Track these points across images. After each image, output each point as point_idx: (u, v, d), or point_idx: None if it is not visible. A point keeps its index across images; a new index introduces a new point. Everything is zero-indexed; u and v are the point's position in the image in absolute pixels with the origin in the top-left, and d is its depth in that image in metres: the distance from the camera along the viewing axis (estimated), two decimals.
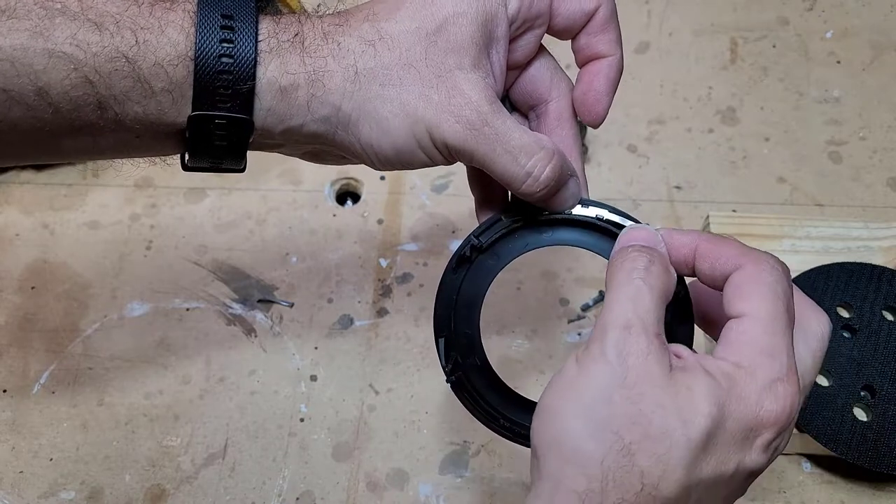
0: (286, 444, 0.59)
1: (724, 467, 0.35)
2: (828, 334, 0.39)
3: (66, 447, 0.59)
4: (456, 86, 0.41)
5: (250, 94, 0.40)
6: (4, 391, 0.61)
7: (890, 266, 0.61)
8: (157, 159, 0.45)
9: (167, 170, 0.71)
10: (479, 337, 0.45)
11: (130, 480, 0.58)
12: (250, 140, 0.41)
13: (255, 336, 0.64)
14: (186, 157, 0.42)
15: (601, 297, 0.65)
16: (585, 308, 0.65)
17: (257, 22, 0.40)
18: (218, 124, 0.40)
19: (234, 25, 0.39)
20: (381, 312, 0.65)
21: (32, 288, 0.66)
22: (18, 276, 0.66)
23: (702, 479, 0.34)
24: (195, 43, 0.39)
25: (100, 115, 0.38)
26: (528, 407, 0.44)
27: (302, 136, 0.42)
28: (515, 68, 0.46)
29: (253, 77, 0.39)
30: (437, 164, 0.43)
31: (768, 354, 0.35)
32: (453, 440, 0.60)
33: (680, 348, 0.37)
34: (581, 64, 0.46)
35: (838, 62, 0.79)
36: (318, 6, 0.46)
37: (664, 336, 0.36)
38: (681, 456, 0.33)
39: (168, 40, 0.38)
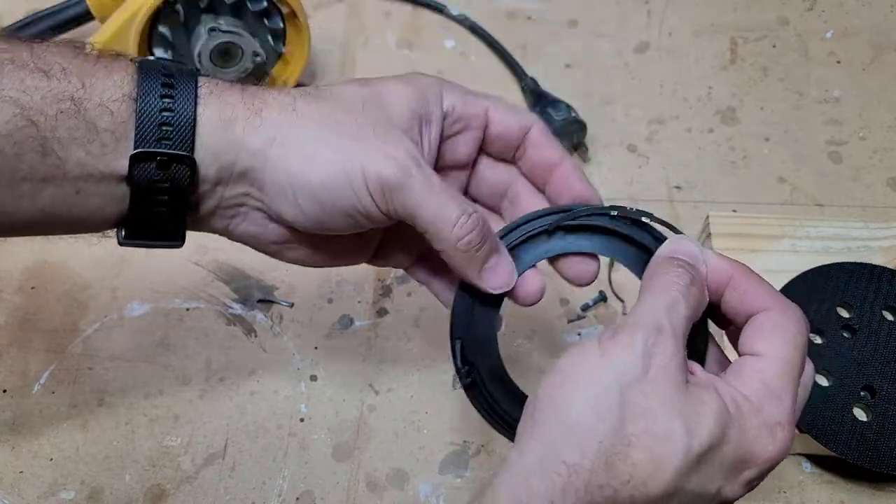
0: (286, 444, 0.59)
1: (708, 487, 0.35)
2: (811, 382, 0.41)
3: (66, 447, 0.59)
4: (390, 135, 0.42)
5: (191, 130, 0.40)
6: (4, 391, 0.61)
7: (890, 266, 0.61)
8: (97, 238, 0.44)
9: None
10: (496, 340, 0.45)
11: (130, 480, 0.58)
12: (190, 194, 0.41)
13: (255, 336, 0.64)
14: (123, 230, 0.42)
15: (601, 297, 0.65)
16: (585, 308, 0.65)
17: (195, 76, 0.42)
18: (160, 162, 0.40)
19: (173, 75, 0.41)
20: (381, 312, 0.65)
21: (32, 288, 0.66)
22: (18, 276, 0.66)
23: (686, 491, 0.35)
24: (137, 88, 0.40)
25: (42, 160, 0.38)
26: None
27: (233, 177, 0.42)
28: (459, 167, 0.48)
29: (193, 114, 0.40)
30: (357, 218, 0.42)
31: (776, 397, 0.37)
32: (453, 440, 0.60)
33: (694, 366, 0.38)
34: (543, 179, 0.47)
35: (838, 62, 0.79)
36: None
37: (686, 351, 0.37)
38: (676, 461, 0.34)
39: (113, 83, 0.40)
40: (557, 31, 0.81)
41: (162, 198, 0.41)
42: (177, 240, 0.43)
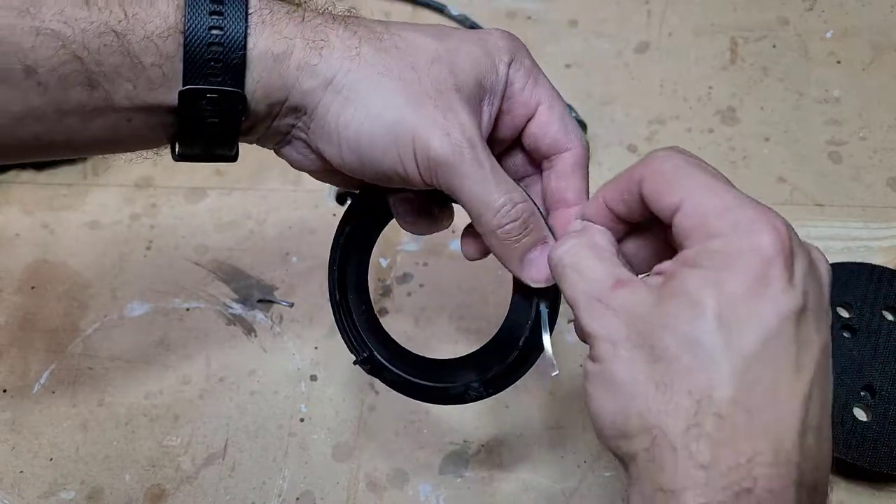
0: (286, 444, 0.59)
1: (755, 325, 0.32)
2: None
3: (66, 447, 0.59)
4: (451, 105, 0.40)
5: (241, 66, 0.39)
6: (4, 391, 0.61)
7: (890, 266, 0.61)
8: (150, 154, 0.44)
9: (167, 170, 0.71)
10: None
11: (130, 480, 0.58)
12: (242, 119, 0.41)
13: (255, 336, 0.64)
14: (177, 146, 0.42)
15: None
16: None
17: (246, 2, 0.40)
18: (210, 99, 0.39)
19: (222, 1, 0.39)
20: (381, 312, 0.65)
21: (32, 288, 0.66)
22: (18, 276, 0.66)
23: (745, 356, 0.32)
24: (185, 15, 0.38)
25: (89, 94, 0.38)
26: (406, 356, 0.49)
27: (283, 111, 0.41)
28: (501, 142, 0.46)
29: (244, 48, 0.39)
30: (394, 179, 0.41)
31: (726, 209, 0.34)
32: (453, 440, 0.60)
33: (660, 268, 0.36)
34: (550, 208, 0.45)
35: (838, 62, 0.79)
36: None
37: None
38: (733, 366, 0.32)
39: (157, 13, 0.38)
40: (557, 31, 0.81)
41: (212, 121, 0.40)
42: (230, 152, 0.43)
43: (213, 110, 0.40)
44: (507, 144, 0.46)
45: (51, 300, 0.66)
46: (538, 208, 0.43)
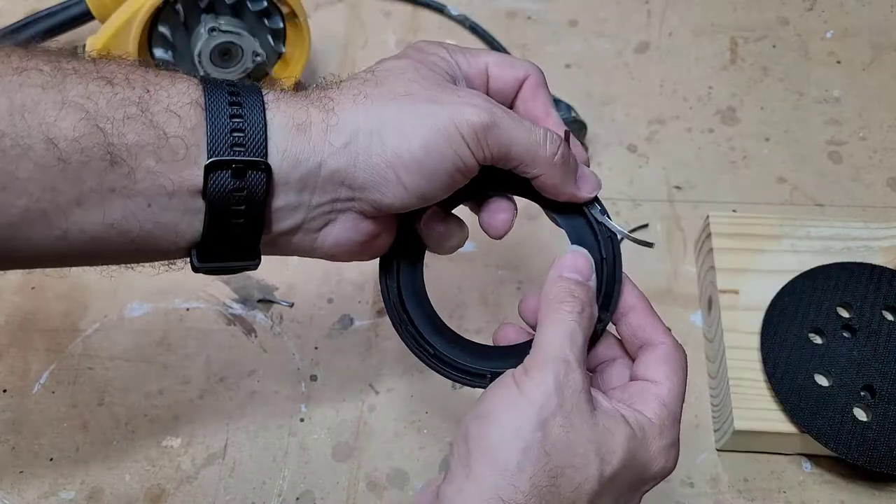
0: (286, 444, 0.59)
1: (616, 502, 0.40)
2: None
3: (66, 447, 0.59)
4: (455, 89, 0.43)
5: (263, 135, 0.40)
6: (4, 391, 0.61)
7: (890, 266, 0.61)
8: (165, 266, 0.43)
9: None
10: (425, 291, 0.48)
11: (130, 480, 0.58)
12: (267, 206, 0.40)
13: (255, 336, 0.64)
14: (195, 256, 0.41)
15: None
16: None
17: (259, 87, 0.42)
18: (235, 170, 0.39)
19: (236, 85, 0.41)
20: (381, 312, 0.65)
21: (32, 288, 0.66)
22: (18, 276, 0.66)
23: None
24: (204, 91, 0.39)
25: (110, 168, 0.37)
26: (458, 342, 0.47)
27: (320, 182, 0.41)
28: None
29: (264, 118, 0.40)
30: (456, 176, 0.42)
31: (675, 420, 0.42)
32: (453, 440, 0.60)
33: (598, 394, 0.41)
34: (513, 100, 0.49)
35: (838, 62, 0.79)
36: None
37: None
38: (591, 487, 0.38)
39: (178, 90, 0.39)
40: (557, 31, 0.81)
41: (238, 208, 0.40)
42: (253, 259, 0.43)
43: (238, 185, 0.39)
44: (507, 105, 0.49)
45: (51, 300, 0.66)
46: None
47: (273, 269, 0.67)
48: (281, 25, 0.70)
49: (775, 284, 0.60)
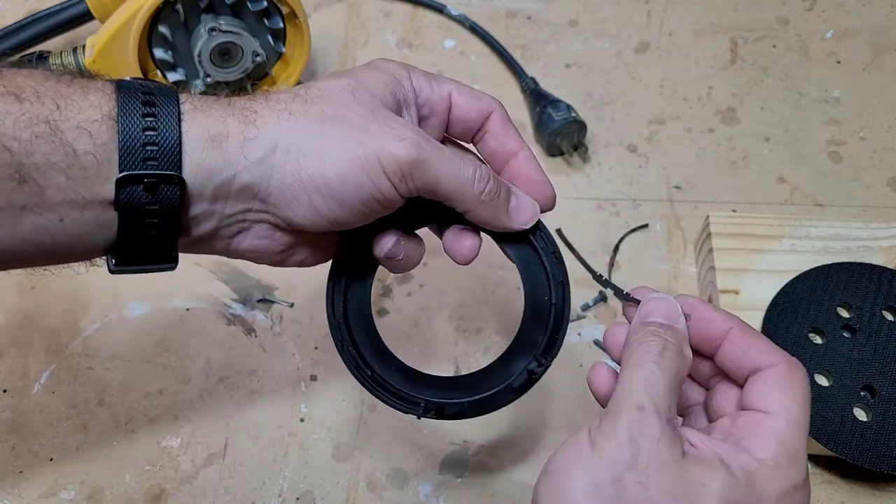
0: (286, 444, 0.59)
1: None
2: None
3: (66, 447, 0.59)
4: (388, 118, 0.42)
5: (177, 148, 0.39)
6: (4, 391, 0.61)
7: (890, 266, 0.61)
8: (84, 267, 0.42)
9: None
10: (370, 313, 0.49)
11: (130, 480, 0.58)
12: (181, 216, 0.40)
13: (255, 336, 0.64)
14: (112, 259, 0.41)
15: (601, 297, 0.65)
16: (585, 308, 0.65)
17: (176, 94, 0.40)
18: (148, 184, 0.38)
19: (152, 93, 0.39)
20: (382, 312, 0.65)
21: (32, 288, 0.66)
22: (18, 276, 0.66)
23: None
24: (117, 103, 0.38)
25: (19, 187, 0.36)
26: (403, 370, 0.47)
27: (232, 193, 0.41)
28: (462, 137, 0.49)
29: (178, 131, 0.39)
30: (373, 207, 0.42)
31: (794, 458, 0.35)
32: (453, 440, 0.60)
33: (695, 436, 0.37)
34: (499, 166, 0.48)
35: (838, 62, 0.79)
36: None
37: (676, 422, 0.37)
38: None
39: (90, 104, 0.38)
40: (557, 31, 0.81)
41: (151, 221, 0.39)
42: (170, 262, 0.42)
43: (151, 198, 0.38)
44: (468, 138, 0.49)
45: (51, 300, 0.66)
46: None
47: (273, 269, 0.66)
48: (281, 25, 0.70)
49: (775, 284, 0.60)
